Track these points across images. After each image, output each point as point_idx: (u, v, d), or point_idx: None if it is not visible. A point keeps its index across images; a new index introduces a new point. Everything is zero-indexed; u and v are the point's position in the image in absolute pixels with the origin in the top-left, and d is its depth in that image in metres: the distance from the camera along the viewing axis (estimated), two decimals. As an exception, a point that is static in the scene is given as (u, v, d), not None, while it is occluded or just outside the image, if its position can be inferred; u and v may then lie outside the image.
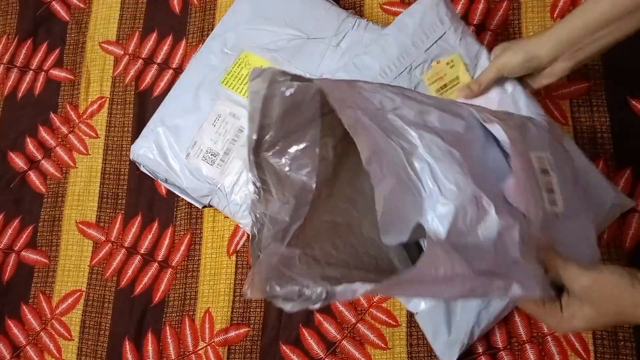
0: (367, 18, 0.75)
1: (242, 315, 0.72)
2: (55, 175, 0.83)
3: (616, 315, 0.44)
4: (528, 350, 0.65)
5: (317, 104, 0.45)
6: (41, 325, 0.77)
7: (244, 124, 0.68)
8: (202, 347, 0.72)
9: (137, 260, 0.77)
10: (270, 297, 0.38)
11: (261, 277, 0.38)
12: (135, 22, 0.87)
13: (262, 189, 0.47)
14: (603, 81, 0.71)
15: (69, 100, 0.86)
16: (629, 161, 0.68)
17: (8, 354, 0.77)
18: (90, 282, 0.77)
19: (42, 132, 0.85)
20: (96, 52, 0.87)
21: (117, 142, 0.82)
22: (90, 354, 0.75)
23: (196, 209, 0.76)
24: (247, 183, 0.66)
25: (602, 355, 0.63)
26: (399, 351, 0.67)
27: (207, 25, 0.84)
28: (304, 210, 0.48)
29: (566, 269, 0.45)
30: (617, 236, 0.66)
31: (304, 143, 0.47)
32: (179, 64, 0.83)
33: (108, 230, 0.79)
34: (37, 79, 0.88)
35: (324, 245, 0.49)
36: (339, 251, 0.50)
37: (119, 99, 0.84)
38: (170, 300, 0.74)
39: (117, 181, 0.80)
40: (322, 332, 0.69)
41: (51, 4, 0.91)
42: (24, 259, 0.80)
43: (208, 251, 0.75)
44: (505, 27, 0.75)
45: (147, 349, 0.73)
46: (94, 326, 0.75)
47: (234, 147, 0.68)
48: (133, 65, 0.85)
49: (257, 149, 0.46)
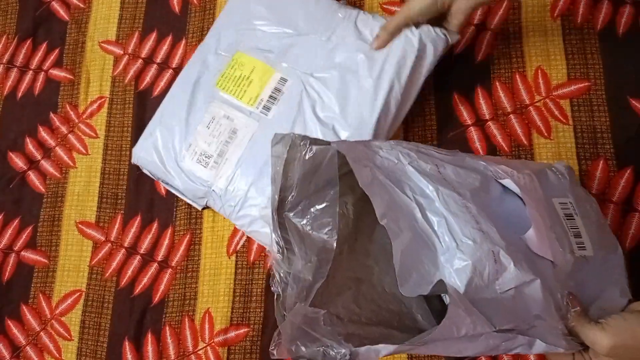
0: (367, 18, 0.75)
1: (242, 316, 0.72)
2: (55, 175, 0.83)
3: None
4: (528, 350, 0.64)
5: (335, 164, 0.47)
6: (41, 325, 0.77)
7: (238, 126, 0.68)
8: (202, 348, 0.72)
9: (136, 261, 0.76)
10: (296, 357, 0.39)
11: (287, 337, 0.40)
12: (134, 22, 0.87)
13: (285, 248, 0.49)
14: (603, 81, 0.71)
15: (68, 100, 0.86)
16: (629, 161, 0.68)
17: (8, 354, 0.77)
18: (90, 282, 0.77)
19: (41, 132, 0.85)
20: (96, 51, 0.87)
21: (117, 142, 0.82)
22: (90, 354, 0.75)
23: (196, 209, 0.76)
24: (238, 184, 0.67)
25: None
26: (399, 351, 0.67)
27: (207, 25, 0.84)
28: (326, 268, 0.49)
29: (586, 332, 0.44)
30: (617, 236, 0.66)
31: (325, 202, 0.49)
32: (178, 64, 0.83)
33: (108, 230, 0.79)
34: (37, 79, 0.88)
35: (346, 302, 0.50)
36: (362, 308, 0.51)
37: (118, 99, 0.84)
38: (170, 301, 0.74)
39: (117, 181, 0.80)
40: (321, 333, 0.69)
41: (51, 4, 0.91)
42: (24, 259, 0.80)
43: (208, 251, 0.75)
44: (505, 26, 0.75)
45: (147, 349, 0.73)
46: (94, 326, 0.75)
47: (227, 149, 0.68)
48: (133, 65, 0.85)
49: (280, 209, 0.48)
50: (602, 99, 0.70)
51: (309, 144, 0.45)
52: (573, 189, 0.54)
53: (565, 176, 0.55)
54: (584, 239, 0.49)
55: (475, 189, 0.45)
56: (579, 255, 0.48)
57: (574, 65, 0.72)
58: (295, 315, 0.41)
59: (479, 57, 0.74)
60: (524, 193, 0.46)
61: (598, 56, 0.71)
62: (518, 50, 0.74)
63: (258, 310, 0.72)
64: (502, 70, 0.73)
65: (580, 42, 0.72)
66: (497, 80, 0.73)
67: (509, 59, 0.74)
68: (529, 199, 0.46)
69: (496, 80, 0.73)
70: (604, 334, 0.44)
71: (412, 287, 0.39)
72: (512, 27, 0.75)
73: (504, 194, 0.48)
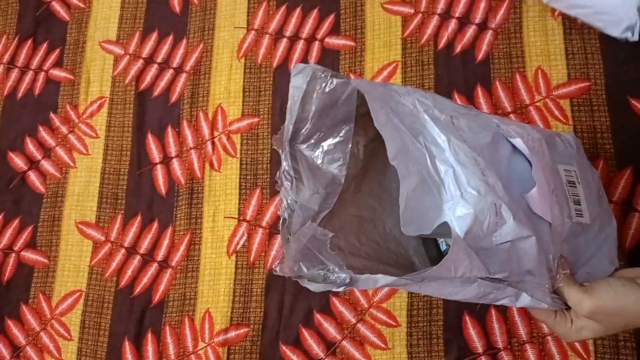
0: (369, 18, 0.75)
1: (242, 316, 0.72)
2: (55, 176, 0.83)
3: (624, 327, 0.46)
4: (528, 350, 0.65)
5: (354, 101, 0.48)
6: (41, 325, 0.77)
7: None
8: (202, 348, 0.72)
9: (136, 261, 0.76)
10: (297, 276, 0.41)
11: (290, 258, 0.41)
12: (135, 22, 0.87)
13: (295, 177, 0.50)
14: (603, 81, 0.71)
15: (68, 100, 0.86)
16: (629, 161, 0.68)
17: (8, 354, 0.77)
18: (90, 282, 0.77)
19: (41, 132, 0.85)
20: (96, 51, 0.87)
21: (117, 142, 0.82)
22: (90, 354, 0.75)
23: (196, 209, 0.76)
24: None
25: (602, 356, 0.63)
26: (399, 351, 0.67)
27: (207, 24, 0.84)
28: (332, 201, 0.51)
29: (571, 293, 0.46)
30: (618, 236, 0.66)
31: (338, 138, 0.51)
32: (179, 64, 0.83)
33: (108, 230, 0.79)
34: (37, 79, 0.88)
35: (348, 237, 0.52)
36: (363, 244, 0.53)
37: (119, 99, 0.84)
38: (170, 301, 0.74)
39: (117, 181, 0.80)
40: (322, 333, 0.69)
41: (51, 4, 0.91)
42: (24, 259, 0.80)
43: (208, 251, 0.75)
44: (506, 26, 0.75)
45: (147, 349, 0.73)
46: (94, 326, 0.75)
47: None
48: (133, 65, 0.85)
49: (292, 140, 0.49)
50: (602, 99, 0.70)
51: (329, 76, 0.46)
52: (579, 159, 0.55)
53: (572, 146, 0.56)
54: (583, 207, 0.50)
55: (485, 144, 0.46)
56: (575, 222, 0.49)
57: (574, 65, 0.72)
58: (303, 233, 0.42)
59: (479, 57, 0.74)
60: (532, 154, 0.48)
61: (598, 56, 0.71)
62: (518, 50, 0.74)
63: (258, 310, 0.72)
64: (502, 69, 0.73)
65: (581, 42, 0.72)
66: (497, 80, 0.73)
67: (509, 58, 0.74)
68: (536, 161, 0.47)
69: (496, 80, 0.73)
70: (587, 297, 0.45)
71: (414, 227, 0.41)
72: (512, 27, 0.75)
73: (513, 154, 0.49)
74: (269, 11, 0.83)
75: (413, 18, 0.78)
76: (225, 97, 0.80)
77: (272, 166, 0.76)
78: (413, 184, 0.42)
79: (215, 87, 0.81)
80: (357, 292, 0.70)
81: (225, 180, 0.77)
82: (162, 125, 0.81)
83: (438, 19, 0.77)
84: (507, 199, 0.43)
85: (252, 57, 0.81)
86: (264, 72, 0.80)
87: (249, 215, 0.75)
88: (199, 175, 0.78)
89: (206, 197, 0.77)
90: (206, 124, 0.80)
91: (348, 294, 0.70)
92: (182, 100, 0.81)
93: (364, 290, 0.70)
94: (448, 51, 0.75)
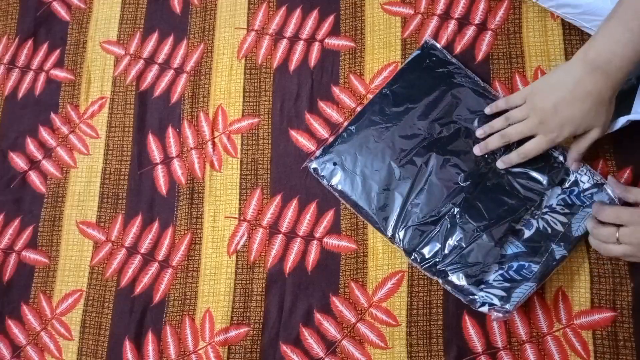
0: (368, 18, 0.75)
1: (242, 315, 0.72)
2: (55, 175, 0.83)
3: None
4: (528, 350, 0.65)
5: None
6: (41, 325, 0.77)
7: None
8: (202, 347, 0.72)
9: (137, 260, 0.77)
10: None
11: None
12: (136, 22, 0.87)
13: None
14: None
15: (69, 101, 0.86)
16: (629, 161, 0.68)
17: (8, 354, 0.77)
18: (90, 282, 0.77)
19: (42, 132, 0.85)
20: (97, 52, 0.87)
21: (118, 142, 0.82)
22: (91, 354, 0.75)
23: (196, 208, 0.76)
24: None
25: (602, 355, 0.63)
26: (399, 351, 0.67)
27: (207, 25, 0.84)
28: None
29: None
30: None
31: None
32: (179, 64, 0.83)
33: (108, 230, 0.79)
34: (38, 79, 0.88)
35: None
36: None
37: (119, 99, 0.84)
38: (171, 300, 0.74)
39: (118, 181, 0.81)
40: (322, 332, 0.69)
41: (52, 4, 0.91)
42: (25, 259, 0.80)
43: (208, 251, 0.75)
44: (505, 26, 0.75)
45: (147, 348, 0.73)
46: (94, 326, 0.75)
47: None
48: (134, 66, 0.85)
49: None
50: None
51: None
52: None
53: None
54: None
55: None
56: None
57: (574, 65, 0.72)
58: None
59: (478, 57, 0.75)
60: None
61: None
62: (518, 50, 0.74)
63: (258, 309, 0.72)
64: (502, 70, 0.74)
65: (580, 42, 0.72)
66: (496, 80, 0.73)
67: (508, 58, 0.74)
68: None
69: (496, 80, 0.73)
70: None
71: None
72: (512, 27, 0.75)
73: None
74: (269, 12, 0.83)
75: (413, 19, 0.78)
76: (225, 98, 0.80)
77: (272, 166, 0.76)
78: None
79: (216, 88, 0.81)
80: (356, 292, 0.70)
81: (225, 180, 0.77)
82: (162, 125, 0.81)
83: (437, 20, 0.77)
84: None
85: (253, 58, 0.81)
86: (264, 73, 0.80)
87: (249, 215, 0.75)
88: (200, 175, 0.78)
89: (207, 197, 0.77)
90: (207, 124, 0.80)
91: (348, 294, 0.70)
92: (183, 100, 0.82)
93: (364, 290, 0.70)
94: (448, 51, 0.75)
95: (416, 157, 0.68)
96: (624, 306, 0.64)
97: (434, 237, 0.65)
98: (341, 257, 0.72)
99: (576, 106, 0.58)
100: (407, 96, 0.71)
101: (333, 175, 0.71)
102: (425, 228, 0.66)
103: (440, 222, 0.65)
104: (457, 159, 0.67)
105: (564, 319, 0.65)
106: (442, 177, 0.67)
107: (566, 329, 0.64)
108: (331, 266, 0.71)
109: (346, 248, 0.72)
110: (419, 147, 0.69)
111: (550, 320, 0.65)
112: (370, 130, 0.71)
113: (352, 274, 0.71)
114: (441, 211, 0.66)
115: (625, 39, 0.54)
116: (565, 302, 0.65)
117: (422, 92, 0.71)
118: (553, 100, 0.59)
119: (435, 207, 0.66)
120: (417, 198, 0.67)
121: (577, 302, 0.65)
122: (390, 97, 0.72)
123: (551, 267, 0.63)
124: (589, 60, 0.56)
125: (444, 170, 0.67)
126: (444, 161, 0.68)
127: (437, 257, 0.64)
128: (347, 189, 0.70)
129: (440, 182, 0.67)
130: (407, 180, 0.68)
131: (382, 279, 0.70)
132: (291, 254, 0.73)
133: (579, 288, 0.65)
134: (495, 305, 0.61)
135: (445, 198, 0.66)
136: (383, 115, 0.71)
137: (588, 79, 0.56)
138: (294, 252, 0.73)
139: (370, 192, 0.68)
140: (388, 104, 0.71)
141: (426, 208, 0.66)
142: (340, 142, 0.72)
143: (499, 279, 0.63)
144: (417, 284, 0.69)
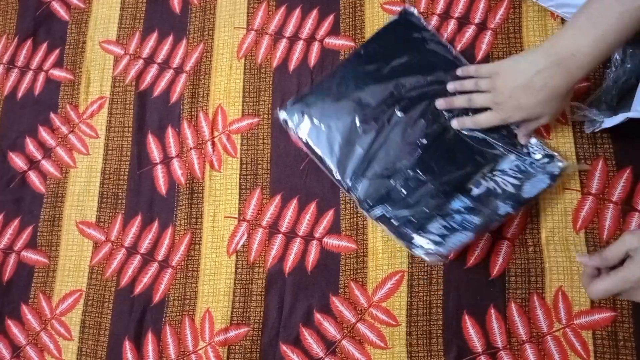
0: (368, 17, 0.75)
1: (242, 315, 0.72)
2: (55, 175, 0.83)
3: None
4: (528, 349, 0.65)
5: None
6: (41, 325, 0.77)
7: None
8: (202, 347, 0.72)
9: (137, 260, 0.77)
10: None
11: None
12: (135, 22, 0.87)
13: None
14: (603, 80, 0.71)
15: (69, 100, 0.86)
16: (629, 161, 0.68)
17: (8, 354, 0.77)
18: (90, 282, 0.77)
19: (42, 132, 0.85)
20: (96, 52, 0.87)
21: (118, 142, 0.82)
22: (90, 354, 0.75)
23: (196, 208, 0.76)
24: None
25: (602, 355, 0.63)
26: (399, 351, 0.67)
27: (207, 25, 0.84)
28: None
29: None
30: (617, 236, 0.66)
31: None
32: (179, 64, 0.83)
33: (108, 230, 0.79)
34: (37, 79, 0.88)
35: None
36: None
37: (119, 99, 0.84)
38: (170, 300, 0.74)
39: (117, 181, 0.80)
40: (321, 332, 0.69)
41: (51, 4, 0.91)
42: (24, 259, 0.80)
43: (208, 251, 0.75)
44: (505, 26, 0.75)
45: (147, 348, 0.73)
46: (94, 326, 0.75)
47: None
48: (133, 65, 0.85)
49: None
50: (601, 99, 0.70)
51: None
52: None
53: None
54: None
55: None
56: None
57: (574, 65, 0.72)
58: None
59: (478, 57, 0.75)
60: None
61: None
62: (518, 50, 0.74)
63: (258, 309, 0.72)
64: (502, 70, 0.73)
65: (580, 41, 0.72)
66: (497, 80, 0.73)
67: (508, 58, 0.74)
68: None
69: (496, 80, 0.73)
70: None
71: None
72: (512, 27, 0.75)
73: None
74: (268, 11, 0.83)
75: (413, 18, 0.77)
76: (225, 97, 0.80)
77: (271, 166, 0.76)
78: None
79: (215, 87, 0.81)
80: (356, 292, 0.70)
81: (225, 180, 0.77)
82: (162, 125, 0.81)
83: (437, 19, 0.77)
84: None
85: (252, 57, 0.81)
86: (263, 72, 0.80)
87: (249, 215, 0.75)
88: (199, 175, 0.78)
89: (206, 197, 0.77)
90: (206, 124, 0.80)
91: (348, 294, 0.70)
92: (182, 100, 0.82)
93: (364, 290, 0.70)
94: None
95: (380, 114, 0.70)
96: (624, 306, 0.64)
97: (389, 189, 0.67)
98: (341, 257, 0.71)
99: (532, 96, 0.59)
100: (380, 57, 0.73)
101: (300, 126, 0.71)
102: (381, 180, 0.67)
103: (396, 175, 0.67)
104: (419, 119, 0.69)
105: (564, 319, 0.65)
106: (403, 134, 0.69)
107: (566, 329, 0.64)
108: (331, 266, 0.71)
109: (346, 248, 0.72)
110: (384, 105, 0.70)
111: (550, 320, 0.65)
112: (340, 86, 0.72)
113: (352, 274, 0.71)
114: (397, 165, 0.67)
115: (592, 34, 0.54)
116: (565, 302, 0.65)
117: (395, 54, 0.72)
118: (512, 86, 0.61)
119: (393, 161, 0.68)
120: (377, 152, 0.68)
121: (577, 302, 0.65)
122: (364, 57, 0.73)
123: (493, 221, 0.64)
124: (553, 52, 0.57)
125: (405, 128, 0.69)
126: (407, 119, 0.69)
127: (387, 207, 0.66)
128: (312, 139, 0.71)
129: (400, 139, 0.68)
130: (369, 134, 0.69)
131: (382, 279, 0.70)
132: (291, 254, 0.73)
133: (579, 288, 0.65)
134: (430, 249, 0.63)
135: (403, 154, 0.68)
136: (355, 72, 0.73)
137: (548, 72, 0.57)
138: (293, 252, 0.73)
139: (333, 144, 0.70)
140: (361, 63, 0.73)
141: (384, 162, 0.68)
142: (310, 94, 0.73)
143: (439, 227, 0.64)
144: (417, 284, 0.69)
